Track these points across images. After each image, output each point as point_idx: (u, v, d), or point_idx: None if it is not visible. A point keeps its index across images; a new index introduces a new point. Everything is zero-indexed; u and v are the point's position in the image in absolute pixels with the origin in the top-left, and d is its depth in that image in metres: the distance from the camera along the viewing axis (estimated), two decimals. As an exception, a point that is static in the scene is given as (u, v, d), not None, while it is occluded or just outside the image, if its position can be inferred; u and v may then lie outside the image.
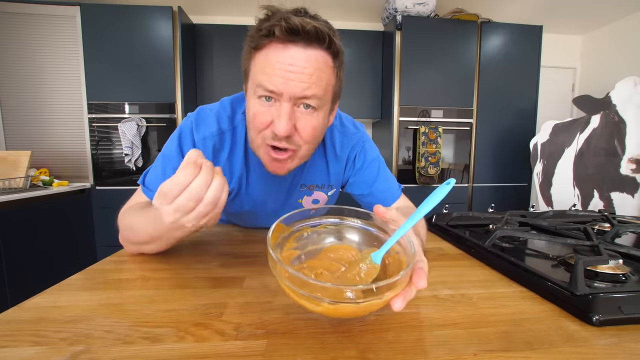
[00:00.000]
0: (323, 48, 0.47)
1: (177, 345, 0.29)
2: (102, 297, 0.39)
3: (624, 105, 1.62)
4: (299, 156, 0.54)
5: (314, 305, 0.28)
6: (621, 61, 2.68)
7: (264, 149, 0.52)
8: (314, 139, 0.53)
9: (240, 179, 0.63)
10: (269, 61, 0.46)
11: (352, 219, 0.39)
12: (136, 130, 2.11)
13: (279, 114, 0.47)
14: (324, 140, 0.66)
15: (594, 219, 0.75)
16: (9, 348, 0.28)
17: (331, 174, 0.69)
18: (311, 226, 0.39)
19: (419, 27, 2.29)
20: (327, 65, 0.48)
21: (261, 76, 0.47)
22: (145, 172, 0.59)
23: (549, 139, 2.12)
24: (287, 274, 0.28)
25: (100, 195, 2.17)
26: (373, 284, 0.27)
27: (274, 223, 0.34)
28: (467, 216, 0.77)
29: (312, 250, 0.38)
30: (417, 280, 0.30)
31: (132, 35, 2.11)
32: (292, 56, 0.45)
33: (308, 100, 0.48)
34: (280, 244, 0.35)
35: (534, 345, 0.29)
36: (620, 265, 0.43)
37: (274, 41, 0.45)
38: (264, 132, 0.50)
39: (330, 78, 0.49)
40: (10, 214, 1.59)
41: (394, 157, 2.37)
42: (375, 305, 0.28)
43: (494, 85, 2.40)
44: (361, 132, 0.70)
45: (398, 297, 0.29)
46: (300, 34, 0.44)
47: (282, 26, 0.43)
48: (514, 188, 2.50)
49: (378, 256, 0.33)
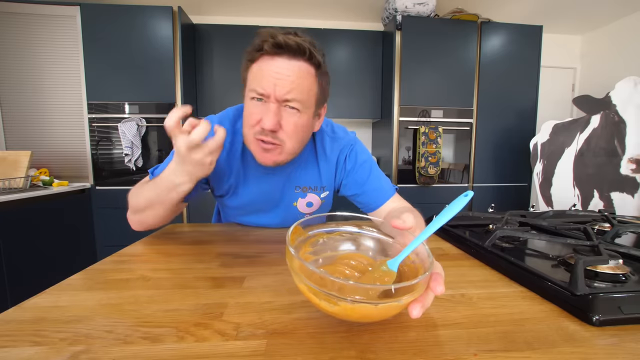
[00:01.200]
0: (305, 59, 0.57)
1: (177, 345, 0.29)
2: (102, 297, 0.39)
3: (624, 105, 1.62)
4: (286, 151, 0.62)
5: (332, 305, 0.27)
6: (621, 61, 2.68)
7: (254, 143, 0.62)
8: (296, 135, 0.61)
9: (238, 174, 0.72)
10: (261, 70, 0.57)
11: (368, 228, 0.41)
12: (136, 130, 2.11)
13: (267, 111, 0.57)
14: (315, 145, 0.74)
15: (594, 219, 0.75)
16: (9, 348, 0.28)
17: (322, 176, 0.75)
18: (327, 232, 0.40)
19: (419, 27, 2.29)
20: (309, 73, 0.58)
21: (254, 82, 0.58)
22: (156, 166, 0.67)
23: (549, 139, 2.12)
24: (307, 271, 0.28)
25: (100, 195, 2.17)
26: (392, 285, 0.27)
27: (293, 225, 0.35)
28: (467, 216, 0.77)
29: (328, 256, 0.39)
30: (435, 285, 0.30)
31: (132, 35, 2.11)
32: (279, 66, 0.56)
33: (291, 103, 0.58)
34: (297, 247, 0.36)
35: (534, 345, 0.29)
36: (620, 265, 0.43)
37: (265, 54, 0.57)
38: (254, 127, 0.60)
39: (312, 85, 0.59)
40: (10, 214, 1.59)
41: (394, 157, 2.37)
42: (393, 309, 0.28)
43: (494, 85, 2.40)
44: (350, 136, 0.77)
45: (416, 303, 0.29)
46: (284, 48, 0.55)
47: (270, 41, 0.55)
48: (514, 188, 2.50)
49: (395, 263, 0.33)
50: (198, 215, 2.27)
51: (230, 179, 0.72)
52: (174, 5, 2.13)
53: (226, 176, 0.71)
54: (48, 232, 1.82)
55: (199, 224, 0.79)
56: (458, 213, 0.32)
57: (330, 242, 0.40)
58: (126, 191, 0.62)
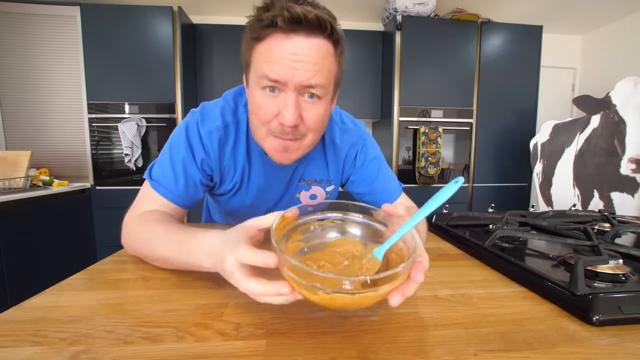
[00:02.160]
0: (325, 36, 0.46)
1: (177, 345, 0.29)
2: (102, 297, 0.39)
3: (624, 105, 1.62)
4: (304, 145, 0.54)
5: (311, 294, 0.28)
6: (621, 61, 2.68)
7: (270, 140, 0.53)
8: (318, 127, 0.53)
9: (243, 171, 0.64)
10: (272, 51, 0.45)
11: (359, 215, 0.40)
12: (136, 130, 2.11)
13: (285, 104, 0.48)
14: (323, 136, 0.65)
15: (594, 219, 0.74)
16: (9, 348, 0.28)
17: (330, 169, 0.69)
18: (318, 220, 0.39)
19: (419, 27, 2.29)
20: (329, 53, 0.48)
21: (265, 66, 0.46)
22: (151, 166, 0.59)
23: (549, 139, 2.12)
24: (288, 263, 0.28)
25: (100, 195, 2.17)
26: (367, 276, 0.27)
27: (279, 216, 0.34)
28: (467, 216, 0.77)
29: (317, 243, 0.39)
30: (415, 273, 0.30)
31: (132, 35, 2.11)
32: (296, 45, 0.45)
33: (313, 89, 0.48)
34: (287, 235, 0.36)
35: (534, 345, 0.29)
36: (620, 265, 0.43)
37: (276, 31, 0.45)
38: (269, 123, 0.50)
39: (332, 66, 0.50)
40: (10, 214, 1.59)
41: (394, 157, 2.37)
42: (370, 298, 0.28)
43: (494, 85, 2.40)
44: (361, 129, 0.70)
45: (396, 291, 0.29)
46: (302, 23, 0.44)
47: (285, 16, 0.43)
48: (514, 188, 2.50)
49: (380, 251, 0.33)
50: (198, 215, 2.27)
51: (235, 176, 0.64)
52: (174, 5, 2.13)
53: (231, 174, 0.64)
54: (48, 232, 1.82)
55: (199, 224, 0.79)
56: (447, 200, 0.32)
57: (321, 229, 0.39)
58: (126, 191, 0.61)
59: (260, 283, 0.31)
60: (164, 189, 0.56)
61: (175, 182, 0.56)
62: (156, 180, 0.56)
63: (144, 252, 0.49)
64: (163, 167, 0.57)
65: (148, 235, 0.48)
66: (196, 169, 0.59)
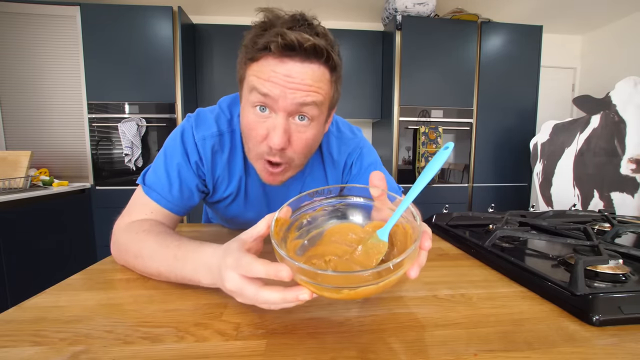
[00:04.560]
0: (321, 62, 0.46)
1: (177, 345, 0.29)
2: (102, 297, 0.39)
3: (624, 105, 1.62)
4: (293, 167, 0.55)
5: (334, 294, 0.28)
6: (621, 61, 2.68)
7: (261, 162, 0.53)
8: (306, 151, 0.53)
9: (240, 182, 0.63)
10: (265, 72, 0.45)
11: (349, 197, 0.39)
12: (136, 130, 2.11)
13: (274, 126, 0.48)
14: (320, 148, 0.66)
15: (594, 219, 0.74)
16: (9, 348, 0.28)
17: (329, 181, 0.69)
18: (310, 211, 0.38)
19: (419, 27, 2.29)
20: (324, 77, 0.48)
21: (256, 81, 0.46)
22: (145, 171, 0.58)
23: (549, 139, 2.12)
24: (300, 270, 0.28)
25: (100, 195, 2.17)
26: (390, 262, 0.27)
27: (273, 220, 0.33)
28: (467, 216, 0.77)
29: (316, 234, 0.38)
30: (424, 242, 0.31)
31: (132, 35, 2.11)
32: (289, 69, 0.45)
33: (304, 111, 0.48)
34: (284, 237, 0.35)
35: (534, 345, 0.29)
36: (620, 265, 0.43)
37: (270, 55, 0.45)
38: (260, 145, 0.50)
39: (327, 90, 0.49)
40: (10, 214, 1.59)
41: (394, 157, 2.37)
42: (393, 281, 0.28)
43: (494, 85, 2.40)
44: (358, 137, 0.70)
45: (413, 266, 0.30)
46: (296, 50, 0.43)
47: (279, 42, 0.42)
48: (514, 188, 2.50)
49: (384, 233, 0.33)
50: (198, 215, 2.27)
51: (230, 185, 0.63)
52: (174, 5, 2.13)
53: (225, 183, 0.62)
54: (48, 232, 1.82)
55: (199, 224, 0.79)
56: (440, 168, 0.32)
57: (315, 220, 0.39)
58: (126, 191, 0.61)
59: (277, 291, 0.30)
60: (158, 195, 0.54)
61: (169, 188, 0.55)
62: (149, 185, 0.55)
63: (134, 265, 0.46)
64: (157, 172, 0.56)
65: (138, 246, 0.45)
66: (192, 174, 0.58)
